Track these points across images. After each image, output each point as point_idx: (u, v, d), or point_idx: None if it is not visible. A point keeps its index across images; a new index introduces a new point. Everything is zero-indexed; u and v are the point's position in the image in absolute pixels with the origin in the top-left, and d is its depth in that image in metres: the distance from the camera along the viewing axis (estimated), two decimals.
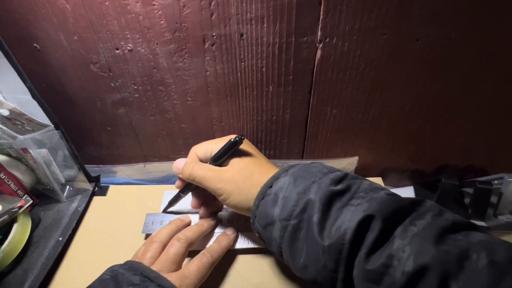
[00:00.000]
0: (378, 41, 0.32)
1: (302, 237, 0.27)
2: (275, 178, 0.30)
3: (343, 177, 0.28)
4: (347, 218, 0.24)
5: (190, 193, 0.37)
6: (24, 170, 0.40)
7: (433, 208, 0.24)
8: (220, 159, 0.32)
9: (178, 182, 0.36)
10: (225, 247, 0.34)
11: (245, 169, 0.31)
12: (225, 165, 0.33)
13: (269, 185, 0.29)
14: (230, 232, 0.36)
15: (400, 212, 0.24)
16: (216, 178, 0.31)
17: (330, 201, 0.26)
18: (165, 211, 0.39)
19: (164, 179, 0.49)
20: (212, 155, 0.33)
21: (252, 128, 0.42)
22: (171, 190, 0.43)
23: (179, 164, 0.34)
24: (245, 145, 0.33)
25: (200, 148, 0.35)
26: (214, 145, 0.33)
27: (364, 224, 0.24)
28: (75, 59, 0.35)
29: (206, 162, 0.34)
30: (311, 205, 0.26)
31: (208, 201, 0.37)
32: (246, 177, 0.31)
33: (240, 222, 0.37)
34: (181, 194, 0.37)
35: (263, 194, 0.29)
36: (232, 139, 0.31)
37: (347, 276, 0.24)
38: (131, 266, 0.28)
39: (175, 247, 0.31)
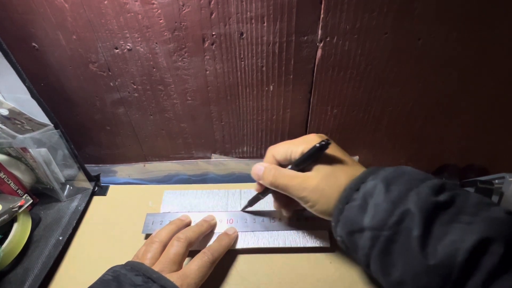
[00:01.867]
0: (379, 40, 0.32)
1: (397, 250, 0.24)
2: (361, 181, 0.27)
3: (442, 185, 0.25)
4: (457, 237, 0.22)
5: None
6: (24, 170, 0.39)
7: None
8: (303, 164, 0.30)
9: (257, 186, 0.35)
10: (226, 246, 0.34)
11: (331, 175, 0.29)
12: (308, 170, 0.30)
13: (355, 188, 0.27)
14: (230, 232, 0.36)
15: None
16: (300, 186, 0.29)
17: (433, 214, 0.23)
18: (244, 210, 0.39)
19: (164, 179, 0.49)
20: (292, 157, 0.31)
21: (252, 128, 0.42)
22: (171, 190, 0.43)
23: (258, 170, 0.32)
24: (330, 147, 0.30)
25: (278, 150, 0.32)
26: (293, 147, 0.30)
27: (479, 247, 0.21)
28: (74, 59, 0.35)
29: (285, 165, 0.32)
30: (410, 217, 0.24)
31: (290, 201, 0.34)
32: (333, 184, 0.28)
33: (240, 222, 0.37)
34: (261, 196, 0.36)
35: (348, 198, 0.27)
36: (317, 144, 0.28)
37: None
38: (133, 267, 0.28)
39: (175, 247, 0.31)
